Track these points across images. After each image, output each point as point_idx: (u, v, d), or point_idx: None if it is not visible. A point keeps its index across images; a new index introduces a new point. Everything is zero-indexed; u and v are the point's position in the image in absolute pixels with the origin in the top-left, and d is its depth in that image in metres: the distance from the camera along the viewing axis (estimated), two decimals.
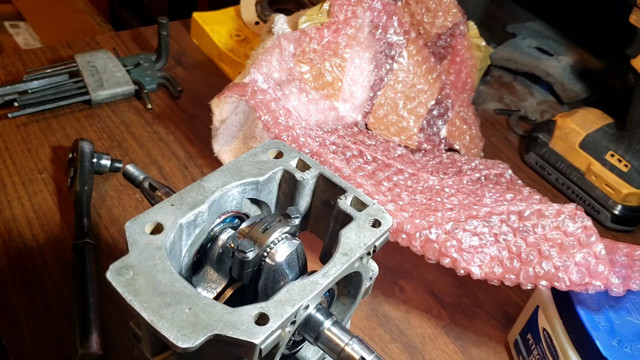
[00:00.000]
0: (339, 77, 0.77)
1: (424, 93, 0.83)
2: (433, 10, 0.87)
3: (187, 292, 0.34)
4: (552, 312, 0.56)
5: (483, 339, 0.64)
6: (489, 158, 0.85)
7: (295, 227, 0.41)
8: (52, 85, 0.81)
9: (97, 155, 0.70)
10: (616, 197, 0.79)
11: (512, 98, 1.03)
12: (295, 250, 0.39)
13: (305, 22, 0.73)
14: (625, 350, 0.50)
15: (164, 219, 0.37)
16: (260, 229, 0.39)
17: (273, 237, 0.39)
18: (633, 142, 0.78)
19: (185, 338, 0.31)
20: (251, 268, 0.39)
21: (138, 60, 0.88)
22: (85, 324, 0.54)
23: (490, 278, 0.56)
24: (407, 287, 0.68)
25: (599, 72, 1.06)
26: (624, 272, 0.53)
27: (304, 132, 0.65)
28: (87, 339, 0.53)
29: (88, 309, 0.56)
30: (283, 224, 0.40)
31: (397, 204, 0.62)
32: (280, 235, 0.39)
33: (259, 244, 0.39)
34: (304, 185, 0.43)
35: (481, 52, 0.94)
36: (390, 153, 0.74)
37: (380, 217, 0.41)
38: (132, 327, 0.38)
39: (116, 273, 0.34)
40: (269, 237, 0.39)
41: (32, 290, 0.59)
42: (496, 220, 0.58)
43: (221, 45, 0.93)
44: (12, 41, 1.41)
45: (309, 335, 0.39)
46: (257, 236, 0.39)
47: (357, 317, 0.63)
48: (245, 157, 0.43)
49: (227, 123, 0.73)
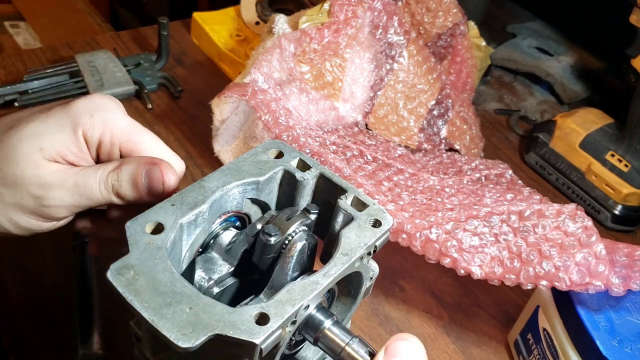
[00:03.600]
0: (340, 77, 0.77)
1: (424, 93, 0.83)
2: (433, 10, 0.87)
3: (187, 291, 0.34)
4: (552, 312, 0.56)
5: (483, 338, 0.64)
6: (489, 158, 0.85)
7: (312, 222, 0.42)
8: (52, 85, 0.81)
9: None
10: (616, 197, 0.79)
11: (512, 98, 1.03)
12: (308, 244, 0.40)
13: (306, 22, 0.73)
14: (625, 350, 0.50)
15: (165, 218, 0.37)
16: (285, 217, 0.41)
17: (294, 227, 0.40)
18: (633, 142, 0.78)
19: (186, 338, 0.31)
20: (272, 254, 0.40)
21: (138, 60, 0.88)
22: (85, 324, 0.54)
23: (491, 278, 0.56)
24: (407, 287, 0.68)
25: (599, 72, 1.06)
26: (624, 272, 0.53)
27: (304, 132, 0.65)
28: (88, 339, 0.53)
29: (88, 309, 0.56)
30: (303, 217, 0.41)
31: (398, 204, 0.62)
32: (299, 226, 0.40)
33: (282, 231, 0.40)
34: (305, 185, 0.43)
35: (481, 52, 0.94)
36: (391, 153, 0.74)
37: (381, 217, 0.41)
38: (132, 327, 0.38)
39: (117, 273, 0.34)
40: (291, 225, 0.40)
41: (32, 290, 0.59)
42: (496, 220, 0.58)
43: (221, 45, 0.93)
44: (12, 41, 1.41)
45: (310, 335, 0.39)
46: (282, 223, 0.40)
47: (358, 317, 0.63)
48: (246, 157, 0.43)
49: (228, 123, 0.73)
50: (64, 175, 0.41)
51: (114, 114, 0.43)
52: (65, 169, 0.42)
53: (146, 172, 0.42)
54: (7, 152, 0.41)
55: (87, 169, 0.42)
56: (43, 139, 0.41)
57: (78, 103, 0.43)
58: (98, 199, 0.42)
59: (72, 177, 0.42)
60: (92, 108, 0.43)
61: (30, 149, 0.41)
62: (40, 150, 0.41)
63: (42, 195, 0.41)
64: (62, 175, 0.41)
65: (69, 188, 0.41)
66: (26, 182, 0.41)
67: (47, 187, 0.41)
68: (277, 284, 0.39)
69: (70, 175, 0.42)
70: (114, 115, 0.43)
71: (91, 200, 0.42)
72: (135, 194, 0.42)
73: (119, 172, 0.42)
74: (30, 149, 0.41)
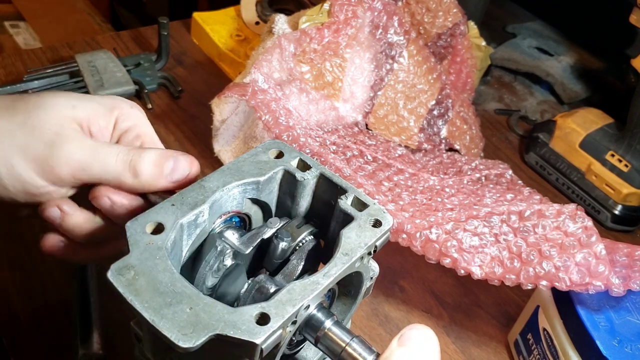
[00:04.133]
0: (340, 77, 0.77)
1: (424, 93, 0.83)
2: (433, 10, 0.87)
3: (188, 292, 0.34)
4: (552, 312, 0.56)
5: (483, 339, 0.64)
6: (489, 158, 0.85)
7: (318, 232, 0.45)
8: (52, 85, 0.81)
9: None
10: (616, 197, 0.79)
11: (512, 98, 1.03)
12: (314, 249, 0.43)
13: (306, 22, 0.73)
14: (625, 350, 0.50)
15: (165, 218, 0.37)
16: (296, 225, 0.44)
17: (304, 235, 0.43)
18: (633, 142, 0.78)
19: (186, 338, 0.31)
20: (279, 260, 0.42)
21: (138, 60, 0.88)
22: (85, 324, 0.54)
23: (491, 278, 0.56)
24: (407, 287, 0.68)
25: (599, 72, 1.06)
26: (624, 272, 0.53)
27: (304, 132, 0.65)
28: (88, 339, 0.53)
29: (88, 309, 0.56)
30: (310, 226, 0.44)
31: (398, 204, 0.62)
32: (308, 235, 0.43)
33: (293, 238, 0.42)
34: (305, 185, 0.43)
35: (481, 52, 0.94)
36: (391, 153, 0.74)
37: (381, 217, 0.41)
38: (133, 327, 0.38)
39: (117, 273, 0.34)
40: (302, 233, 0.43)
41: (32, 290, 0.59)
42: (496, 220, 0.58)
43: (221, 45, 0.93)
44: (12, 41, 1.41)
45: (310, 335, 0.39)
46: (293, 230, 0.43)
47: (358, 317, 0.63)
48: (246, 157, 0.43)
49: (228, 123, 0.73)
50: (83, 136, 0.43)
51: (146, 120, 0.48)
52: (85, 135, 0.44)
53: (176, 157, 0.44)
54: (40, 100, 0.43)
55: (107, 142, 0.45)
56: (79, 101, 0.44)
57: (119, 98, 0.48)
58: (109, 168, 0.42)
59: (90, 140, 0.43)
60: (132, 105, 0.47)
61: (64, 103, 0.43)
62: (73, 108, 0.43)
63: (55, 142, 0.42)
64: (82, 135, 0.43)
65: (84, 147, 0.42)
66: (46, 126, 0.42)
67: (63, 137, 0.42)
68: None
69: (89, 139, 0.43)
70: (145, 121, 0.48)
71: (101, 168, 0.42)
72: (154, 173, 0.43)
73: (142, 151, 0.44)
74: (63, 103, 0.43)
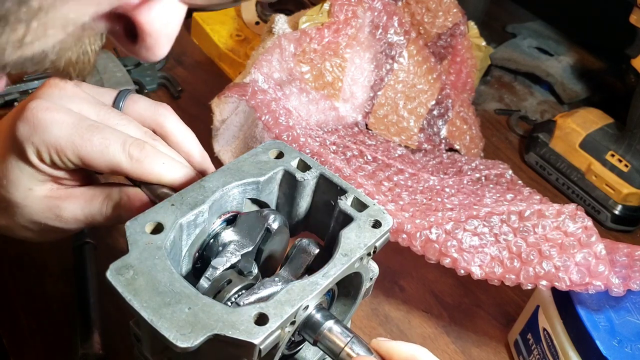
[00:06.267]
0: (340, 77, 0.77)
1: (424, 93, 0.83)
2: (433, 10, 0.87)
3: (186, 291, 0.34)
4: (552, 312, 0.56)
5: (483, 339, 0.64)
6: (489, 158, 0.85)
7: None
8: None
9: None
10: (616, 197, 0.79)
11: (512, 98, 1.03)
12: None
13: (306, 22, 0.73)
14: (625, 350, 0.50)
15: (164, 218, 0.37)
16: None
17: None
18: (633, 142, 0.78)
19: (185, 338, 0.31)
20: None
21: (138, 60, 0.88)
22: (85, 324, 0.54)
23: (491, 278, 0.56)
24: (407, 287, 0.68)
25: (599, 72, 1.06)
26: (624, 272, 0.53)
27: (304, 132, 0.65)
28: (88, 339, 0.53)
29: (88, 309, 0.56)
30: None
31: (398, 204, 0.62)
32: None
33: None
34: (305, 185, 0.43)
35: (481, 52, 0.94)
36: (391, 153, 0.74)
37: (381, 218, 0.41)
38: (132, 327, 0.38)
39: (116, 272, 0.34)
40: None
41: (32, 290, 0.59)
42: (496, 220, 0.58)
43: (221, 45, 0.93)
44: None
45: (309, 335, 0.39)
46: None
47: (358, 317, 0.63)
48: (246, 157, 0.43)
49: (228, 123, 0.72)
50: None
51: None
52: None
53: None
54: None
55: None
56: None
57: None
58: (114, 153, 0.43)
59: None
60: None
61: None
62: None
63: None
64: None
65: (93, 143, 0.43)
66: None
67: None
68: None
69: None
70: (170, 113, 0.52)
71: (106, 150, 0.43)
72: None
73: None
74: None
